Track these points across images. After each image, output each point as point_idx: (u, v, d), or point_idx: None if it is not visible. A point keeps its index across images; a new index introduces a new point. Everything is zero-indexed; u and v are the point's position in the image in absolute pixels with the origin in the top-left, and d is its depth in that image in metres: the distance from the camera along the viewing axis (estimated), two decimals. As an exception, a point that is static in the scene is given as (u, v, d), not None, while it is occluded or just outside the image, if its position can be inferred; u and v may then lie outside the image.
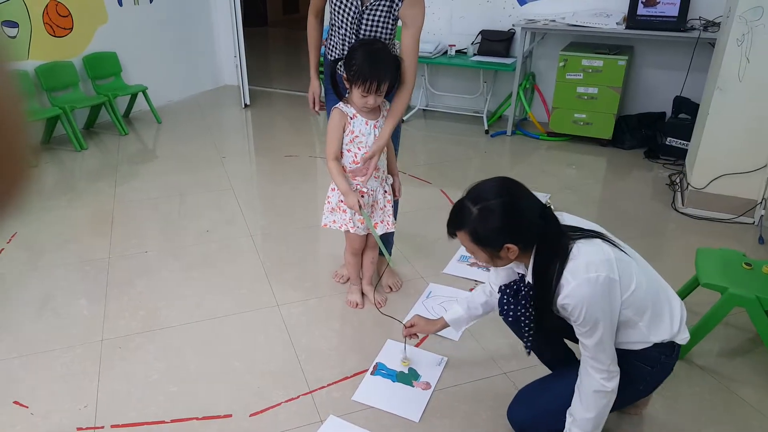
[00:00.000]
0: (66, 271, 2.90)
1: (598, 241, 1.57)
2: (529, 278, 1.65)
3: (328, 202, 2.40)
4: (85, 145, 4.66)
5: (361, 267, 2.63)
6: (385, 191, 2.40)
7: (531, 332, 1.72)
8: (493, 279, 1.93)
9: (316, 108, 2.63)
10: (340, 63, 2.22)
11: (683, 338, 1.66)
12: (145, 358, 2.29)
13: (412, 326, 2.14)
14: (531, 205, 1.56)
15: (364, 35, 2.29)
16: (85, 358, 2.29)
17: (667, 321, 1.63)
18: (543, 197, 1.61)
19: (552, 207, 1.60)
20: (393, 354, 2.29)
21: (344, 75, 2.18)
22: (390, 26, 2.29)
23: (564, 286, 1.51)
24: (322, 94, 2.61)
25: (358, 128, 2.24)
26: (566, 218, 1.66)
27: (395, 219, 2.50)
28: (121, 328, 2.46)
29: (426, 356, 2.29)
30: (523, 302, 1.70)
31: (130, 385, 2.15)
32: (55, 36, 4.76)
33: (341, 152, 2.30)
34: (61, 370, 2.22)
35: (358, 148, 2.25)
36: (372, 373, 2.20)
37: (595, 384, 1.60)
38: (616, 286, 1.51)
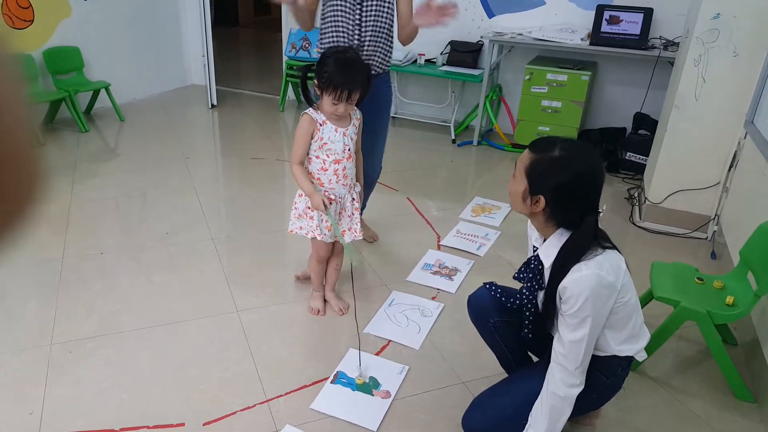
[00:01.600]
0: (17, 271, 2.81)
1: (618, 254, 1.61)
2: (540, 254, 1.66)
3: (295, 207, 2.38)
4: (42, 141, 4.53)
5: (325, 274, 2.62)
6: (353, 198, 2.40)
7: (530, 308, 1.74)
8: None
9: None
10: (311, 69, 2.22)
11: (642, 356, 1.72)
12: (96, 364, 2.23)
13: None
14: (588, 198, 1.56)
15: (365, 23, 2.54)
16: (33, 362, 2.21)
17: (637, 339, 1.69)
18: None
19: (601, 214, 1.60)
20: (354, 363, 2.27)
21: (315, 81, 2.17)
22: (390, 9, 2.59)
23: (574, 272, 1.53)
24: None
25: (328, 135, 2.23)
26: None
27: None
28: (73, 332, 2.39)
29: (387, 365, 2.29)
30: (530, 275, 1.71)
31: (79, 391, 2.09)
32: (14, 28, 4.62)
33: (309, 158, 2.29)
34: (7, 374, 2.15)
35: (327, 155, 2.25)
36: (332, 382, 2.18)
37: (554, 385, 1.62)
38: (614, 294, 1.55)
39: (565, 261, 1.56)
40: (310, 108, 2.25)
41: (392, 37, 2.72)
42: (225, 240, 3.24)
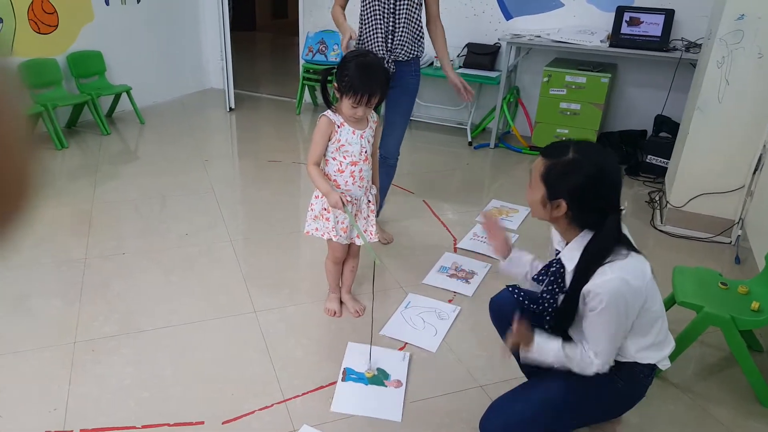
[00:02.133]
0: (41, 271, 2.85)
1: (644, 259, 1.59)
2: (562, 257, 1.65)
3: (312, 209, 2.39)
4: (66, 144, 4.60)
5: (341, 275, 2.62)
6: (369, 201, 2.40)
7: (551, 312, 1.72)
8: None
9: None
10: (332, 72, 2.23)
11: (665, 364, 1.70)
12: (117, 362, 2.25)
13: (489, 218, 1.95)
14: (609, 197, 1.55)
15: (398, 21, 2.88)
16: (57, 360, 2.25)
17: (660, 347, 1.67)
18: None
19: (624, 211, 1.59)
20: (357, 356, 2.29)
21: (335, 84, 2.19)
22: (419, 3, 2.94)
23: (598, 275, 1.52)
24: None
25: (345, 137, 2.24)
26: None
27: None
28: (95, 331, 2.43)
29: (388, 354, 2.31)
30: (552, 278, 1.71)
31: (102, 389, 2.11)
32: (39, 33, 4.70)
33: (326, 160, 2.30)
34: (32, 372, 2.18)
35: (344, 157, 2.25)
36: (343, 380, 2.19)
37: (576, 358, 1.63)
38: (640, 299, 1.54)
39: (588, 263, 1.55)
40: (329, 110, 2.26)
41: (422, 27, 3.03)
42: (243, 241, 3.26)
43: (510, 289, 1.88)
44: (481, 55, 5.06)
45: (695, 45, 4.25)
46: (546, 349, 1.68)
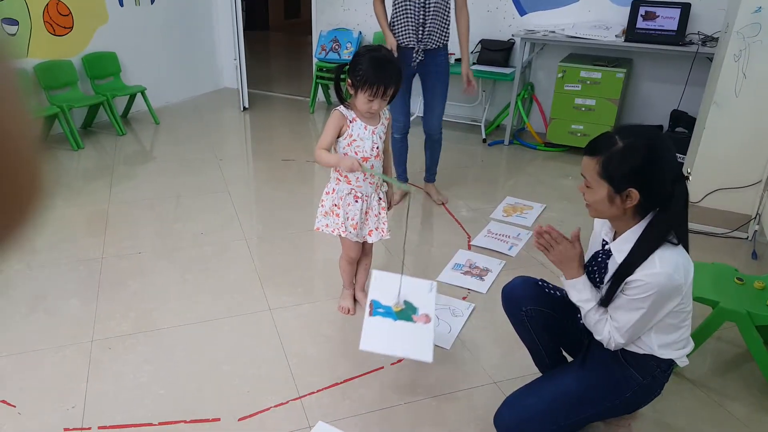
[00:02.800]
0: (59, 271, 2.90)
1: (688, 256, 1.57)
2: (612, 248, 1.62)
3: (322, 205, 2.39)
4: (81, 145, 4.65)
5: (355, 274, 2.63)
6: (380, 198, 2.40)
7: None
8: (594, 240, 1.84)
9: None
10: (345, 68, 2.24)
11: (683, 361, 1.69)
12: (134, 360, 2.28)
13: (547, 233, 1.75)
14: (672, 164, 1.52)
15: (428, 14, 3.19)
16: (75, 358, 2.28)
17: (682, 346, 1.66)
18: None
19: (690, 178, 1.54)
20: (382, 287, 2.10)
21: (348, 80, 2.20)
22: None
23: (646, 266, 1.50)
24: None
25: (357, 132, 2.24)
26: None
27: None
28: (112, 329, 2.46)
29: (414, 285, 2.12)
30: (595, 268, 1.70)
31: (119, 386, 2.14)
32: (54, 35, 4.76)
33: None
34: (50, 370, 2.22)
35: (355, 153, 2.25)
36: (370, 314, 2.04)
37: (602, 328, 1.63)
38: (678, 297, 1.53)
39: (642, 252, 1.52)
40: (341, 105, 2.26)
41: (449, 17, 3.37)
42: (257, 240, 3.28)
43: (540, 282, 1.89)
44: (495, 52, 5.04)
45: (712, 39, 4.20)
46: (582, 292, 1.67)
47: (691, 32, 4.31)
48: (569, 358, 2.01)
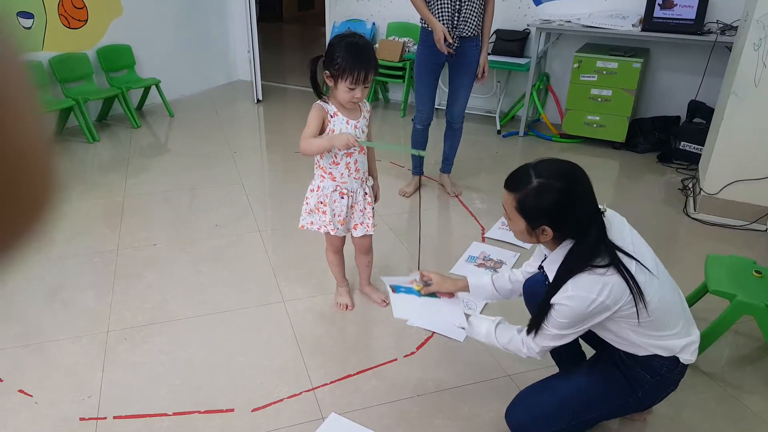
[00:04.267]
0: (75, 263, 2.92)
1: (633, 264, 1.56)
2: (545, 267, 1.67)
3: (306, 202, 2.36)
4: (97, 137, 4.69)
5: (345, 269, 2.61)
6: (365, 193, 2.35)
7: None
8: (533, 261, 1.92)
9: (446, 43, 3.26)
10: (320, 62, 2.15)
11: (687, 360, 1.66)
12: (149, 351, 2.30)
13: (427, 283, 1.98)
14: (586, 203, 1.56)
15: (464, 0, 3.19)
16: (91, 349, 2.30)
17: (668, 339, 1.62)
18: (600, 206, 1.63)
19: (605, 211, 1.60)
20: (398, 278, 2.08)
21: (326, 72, 2.12)
22: None
23: (563, 290, 1.54)
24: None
25: (339, 127, 2.18)
26: (614, 229, 1.61)
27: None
28: (128, 320, 2.48)
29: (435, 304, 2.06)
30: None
31: (134, 376, 2.16)
32: (69, 28, 4.79)
33: (321, 154, 2.25)
34: (67, 360, 2.24)
35: (338, 148, 2.22)
36: (393, 293, 2.04)
37: (514, 347, 1.74)
38: (605, 312, 1.54)
39: (563, 275, 1.56)
40: (319, 100, 2.20)
41: (483, 6, 3.34)
42: (271, 232, 3.29)
43: (541, 270, 1.88)
44: (510, 42, 4.99)
45: (731, 27, 4.13)
46: (478, 330, 1.83)
47: (709, 21, 4.24)
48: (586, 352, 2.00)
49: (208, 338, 2.39)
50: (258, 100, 5.92)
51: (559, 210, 1.53)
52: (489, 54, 5.01)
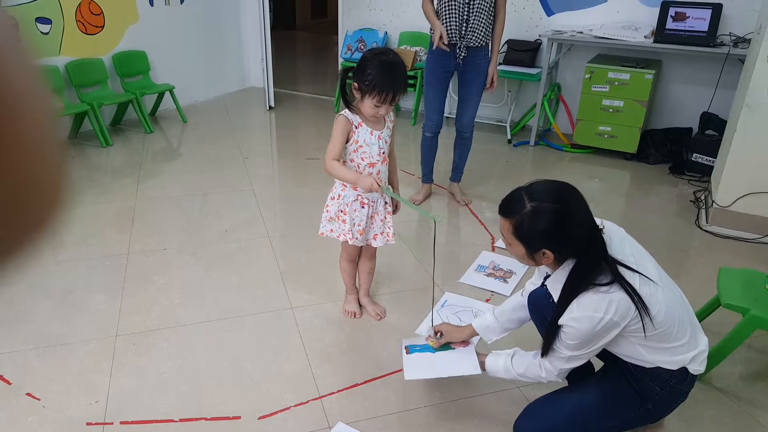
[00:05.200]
0: (86, 266, 2.94)
1: (637, 278, 1.55)
2: (549, 287, 1.67)
3: (327, 210, 2.36)
4: (110, 142, 4.73)
5: (357, 277, 2.60)
6: (386, 202, 2.35)
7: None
8: (535, 280, 1.94)
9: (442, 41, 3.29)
10: (350, 72, 2.17)
11: (696, 369, 1.65)
12: (157, 356, 2.31)
13: (439, 334, 2.09)
14: (583, 221, 1.56)
15: (472, 11, 3.23)
16: (99, 353, 2.31)
17: (677, 351, 1.61)
18: (597, 222, 1.63)
19: (603, 228, 1.59)
20: (414, 339, 2.19)
21: (355, 84, 2.13)
22: None
23: (569, 310, 1.54)
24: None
25: (363, 138, 2.19)
26: (614, 243, 1.61)
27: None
28: (136, 325, 2.49)
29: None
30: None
31: (142, 382, 2.16)
32: (86, 33, 4.85)
33: (343, 162, 2.24)
34: (75, 364, 2.25)
35: (362, 159, 2.20)
36: (407, 354, 2.08)
37: (533, 373, 1.73)
38: (615, 328, 1.53)
39: (568, 294, 1.56)
40: (346, 109, 2.21)
41: (493, 16, 3.36)
42: (280, 238, 3.29)
43: (544, 286, 1.86)
44: (521, 52, 5.00)
45: (744, 40, 4.11)
46: (495, 368, 1.85)
47: (722, 33, 4.22)
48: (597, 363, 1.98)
49: (215, 344, 2.39)
50: (270, 107, 5.94)
51: (555, 232, 1.53)
52: (500, 64, 5.05)
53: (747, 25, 4.16)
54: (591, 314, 1.50)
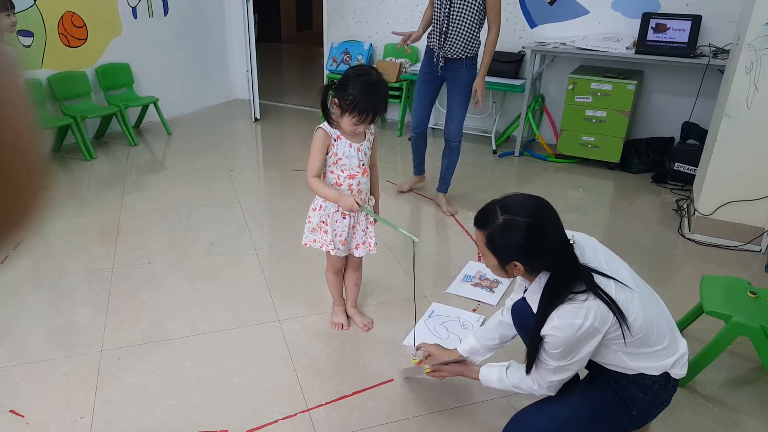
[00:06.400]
0: (70, 280, 2.91)
1: (612, 284, 1.57)
2: (526, 296, 1.69)
3: (309, 221, 2.35)
4: (94, 155, 4.70)
5: (344, 288, 2.60)
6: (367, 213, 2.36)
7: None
8: (515, 295, 1.95)
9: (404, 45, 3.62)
10: (333, 86, 2.16)
11: (677, 374, 1.67)
12: (143, 370, 2.28)
13: (427, 356, 2.12)
14: (555, 236, 1.58)
15: (451, 23, 3.34)
16: (84, 368, 2.28)
17: (658, 356, 1.63)
18: (568, 234, 1.65)
19: (574, 242, 1.62)
20: (410, 370, 2.28)
21: (335, 100, 2.13)
22: (476, 7, 3.32)
23: (549, 320, 1.56)
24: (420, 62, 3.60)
25: (342, 150, 2.19)
26: (587, 252, 1.64)
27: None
28: (122, 339, 2.46)
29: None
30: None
31: (128, 397, 2.14)
32: (69, 46, 4.82)
33: (323, 173, 2.25)
34: (60, 380, 2.22)
35: (341, 170, 2.21)
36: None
37: (526, 385, 1.74)
38: (597, 335, 1.54)
39: (546, 307, 1.57)
40: (325, 122, 2.21)
41: (477, 30, 3.43)
42: (267, 250, 3.29)
43: (524, 299, 1.88)
44: (505, 63, 5.04)
45: (723, 51, 4.19)
46: (489, 377, 1.87)
47: (702, 44, 4.30)
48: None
49: (202, 358, 2.37)
50: (256, 119, 5.94)
51: (526, 245, 1.56)
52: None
53: (726, 36, 4.24)
54: (571, 321, 1.52)
